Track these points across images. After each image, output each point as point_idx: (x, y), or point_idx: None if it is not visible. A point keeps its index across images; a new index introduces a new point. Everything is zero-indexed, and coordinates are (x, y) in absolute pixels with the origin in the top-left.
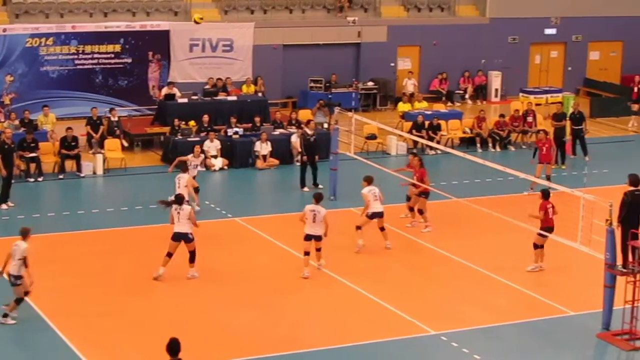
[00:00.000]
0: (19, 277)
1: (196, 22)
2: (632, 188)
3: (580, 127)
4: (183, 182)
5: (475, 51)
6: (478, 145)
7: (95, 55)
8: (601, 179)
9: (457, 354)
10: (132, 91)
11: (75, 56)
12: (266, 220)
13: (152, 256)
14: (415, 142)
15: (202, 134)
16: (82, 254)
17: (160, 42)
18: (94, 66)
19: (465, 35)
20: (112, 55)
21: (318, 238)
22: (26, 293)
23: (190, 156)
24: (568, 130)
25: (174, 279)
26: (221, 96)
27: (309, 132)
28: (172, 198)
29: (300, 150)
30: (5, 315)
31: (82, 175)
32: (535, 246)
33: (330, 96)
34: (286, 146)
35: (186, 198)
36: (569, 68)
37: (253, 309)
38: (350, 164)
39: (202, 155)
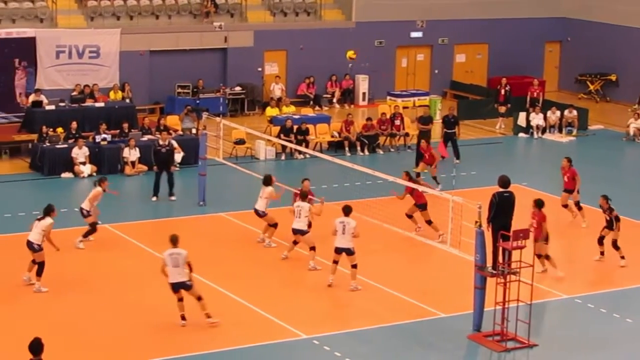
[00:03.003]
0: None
1: (351, 59)
2: (501, 189)
3: (453, 130)
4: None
5: (342, 55)
6: (346, 149)
7: None
8: (470, 181)
9: (328, 357)
10: None
11: None
12: (135, 225)
13: (21, 265)
14: (284, 147)
15: (70, 141)
16: None
17: (26, 49)
18: None
19: (332, 39)
20: None
21: (348, 251)
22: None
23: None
24: (437, 133)
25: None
26: (88, 103)
27: (161, 142)
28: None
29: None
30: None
31: None
32: (539, 256)
33: (197, 102)
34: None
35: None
36: (436, 71)
37: (123, 315)
38: (219, 169)
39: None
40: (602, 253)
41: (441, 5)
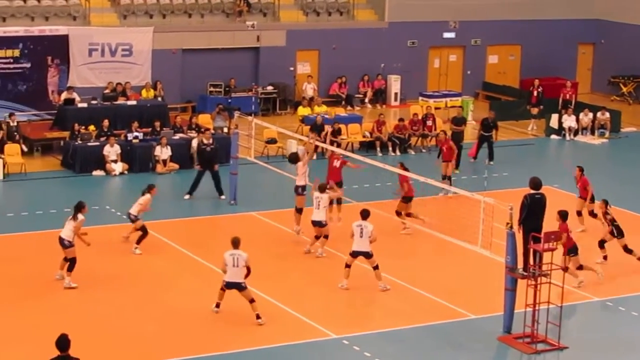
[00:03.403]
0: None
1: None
2: (532, 191)
3: (489, 133)
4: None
5: (374, 55)
6: (378, 149)
7: None
8: (501, 182)
9: (358, 357)
10: (31, 96)
11: None
12: (166, 224)
13: (52, 261)
14: (316, 146)
15: (102, 139)
16: None
17: (59, 46)
18: None
19: (364, 39)
20: (11, 60)
21: (366, 255)
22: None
23: None
24: (469, 135)
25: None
26: (120, 101)
27: (205, 141)
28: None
29: (195, 158)
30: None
31: None
32: (581, 267)
33: (229, 100)
34: (186, 151)
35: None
36: (468, 72)
37: (152, 313)
38: (250, 168)
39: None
40: (605, 257)
41: (474, 6)
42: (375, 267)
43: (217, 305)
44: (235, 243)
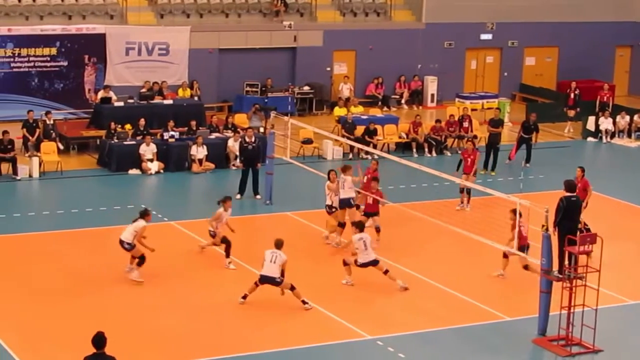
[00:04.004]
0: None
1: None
2: (568, 194)
3: (530, 136)
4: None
5: (411, 56)
6: (414, 150)
7: (31, 59)
8: (537, 184)
9: (392, 358)
10: (68, 94)
11: (11, 59)
12: (202, 223)
13: (87, 259)
14: (352, 147)
15: (138, 138)
16: (18, 257)
17: (96, 45)
18: (30, 69)
19: (401, 40)
20: (48, 59)
21: (375, 263)
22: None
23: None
24: (506, 137)
25: (104, 282)
26: (157, 100)
27: (247, 139)
28: None
29: (237, 155)
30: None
31: (18, 178)
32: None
33: (266, 100)
34: (222, 150)
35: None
36: (505, 73)
37: (185, 312)
38: (286, 168)
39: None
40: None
41: (511, 7)
42: (386, 272)
43: (244, 297)
44: (279, 244)
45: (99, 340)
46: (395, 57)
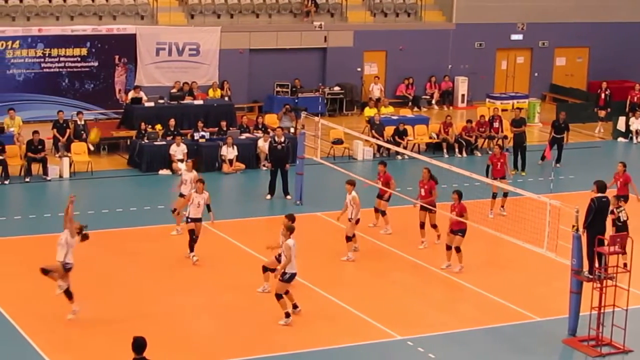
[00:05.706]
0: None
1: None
2: (598, 194)
3: (561, 135)
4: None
5: (441, 56)
6: (444, 150)
7: (62, 59)
8: (567, 185)
9: (422, 358)
10: (99, 95)
11: (42, 59)
12: (232, 224)
13: (118, 260)
14: (379, 148)
15: (169, 138)
16: (48, 258)
17: (126, 45)
18: (61, 69)
19: (432, 41)
20: (79, 59)
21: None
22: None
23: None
24: (535, 136)
25: (134, 284)
26: (187, 100)
27: (277, 139)
28: None
29: (261, 158)
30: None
31: (48, 178)
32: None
33: (296, 101)
34: (252, 151)
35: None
36: (535, 74)
37: (216, 313)
38: (316, 168)
39: (206, 193)
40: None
41: (542, 8)
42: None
43: (295, 306)
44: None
45: (140, 345)
46: (426, 58)
